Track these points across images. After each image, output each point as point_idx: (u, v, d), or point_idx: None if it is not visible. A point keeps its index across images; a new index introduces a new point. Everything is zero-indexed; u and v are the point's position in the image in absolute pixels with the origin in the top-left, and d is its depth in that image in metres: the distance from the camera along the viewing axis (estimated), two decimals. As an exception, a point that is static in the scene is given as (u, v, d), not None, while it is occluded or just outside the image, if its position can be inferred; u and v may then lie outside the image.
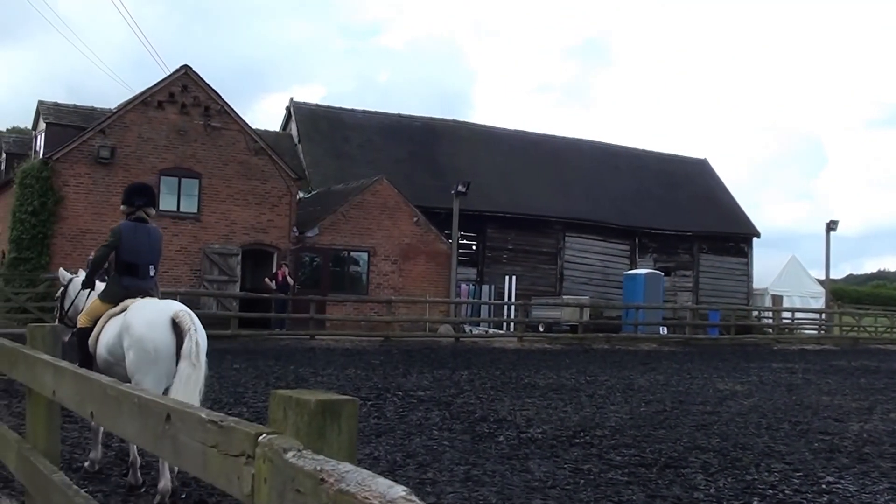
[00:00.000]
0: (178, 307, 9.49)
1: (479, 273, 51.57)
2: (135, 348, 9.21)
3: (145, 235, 10.35)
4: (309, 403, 2.67)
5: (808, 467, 12.26)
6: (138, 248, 10.24)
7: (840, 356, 38.30)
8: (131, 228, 10.29)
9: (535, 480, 10.69)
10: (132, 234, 10.25)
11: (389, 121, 56.09)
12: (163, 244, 10.81)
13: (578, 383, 22.53)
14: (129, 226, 10.31)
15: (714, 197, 64.02)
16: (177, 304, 9.69)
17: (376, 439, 12.97)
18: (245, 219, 40.76)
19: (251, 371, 22.24)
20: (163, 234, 11.06)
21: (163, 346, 9.19)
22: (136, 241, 10.23)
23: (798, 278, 64.39)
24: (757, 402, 20.03)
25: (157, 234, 10.58)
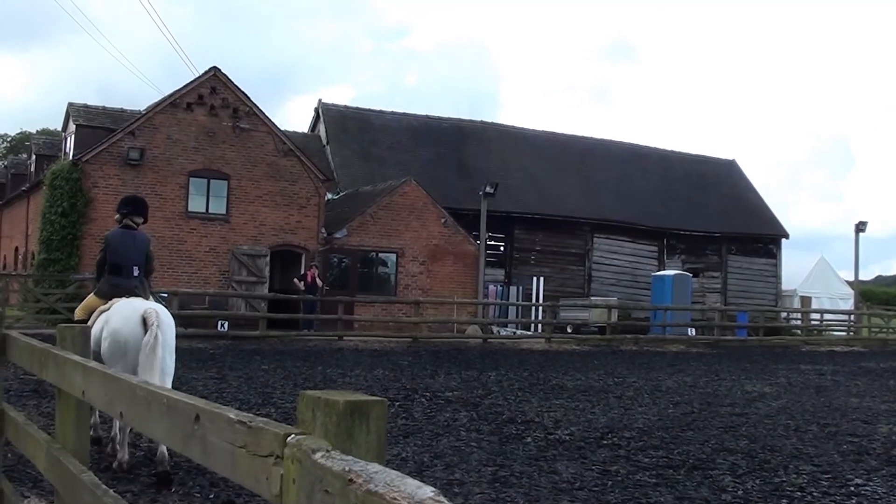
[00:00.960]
0: (148, 306, 10.88)
1: (506, 274, 51.59)
2: (109, 339, 10.61)
3: (131, 240, 11.92)
4: (337, 404, 2.68)
5: (836, 469, 12.21)
6: (124, 251, 11.83)
7: (869, 358, 38.09)
8: (118, 234, 11.99)
9: (562, 482, 10.68)
10: (119, 239, 11.93)
11: (417, 122, 56.16)
12: (149, 247, 12.30)
13: (606, 385, 22.49)
14: (117, 232, 12.06)
15: (742, 198, 63.81)
16: (149, 303, 11.18)
17: (404, 440, 12.99)
18: (274, 220, 40.88)
19: (279, 372, 22.28)
20: (149, 239, 12.52)
21: (132, 338, 10.47)
22: (122, 245, 11.87)
23: (827, 279, 64.12)
24: (785, 403, 19.95)
25: (142, 238, 12.11)
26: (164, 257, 38.39)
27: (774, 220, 63.74)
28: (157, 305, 11.15)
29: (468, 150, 54.51)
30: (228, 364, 23.85)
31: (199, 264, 39.42)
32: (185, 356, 25.50)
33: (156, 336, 10.26)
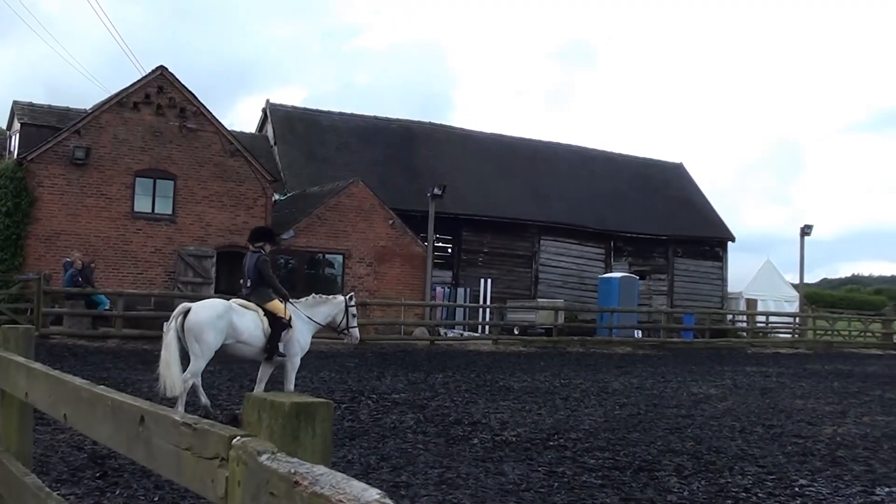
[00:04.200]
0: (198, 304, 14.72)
1: (454, 276, 51.59)
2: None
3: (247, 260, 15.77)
4: (283, 406, 2.67)
5: (781, 470, 12.31)
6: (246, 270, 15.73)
7: (814, 360, 38.41)
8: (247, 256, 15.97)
9: (509, 483, 10.70)
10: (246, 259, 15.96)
11: (366, 123, 56.02)
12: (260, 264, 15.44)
13: (553, 386, 22.56)
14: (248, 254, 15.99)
15: (689, 201, 64.19)
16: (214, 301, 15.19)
17: (350, 442, 12.97)
18: (220, 221, 40.64)
19: (225, 374, 22.19)
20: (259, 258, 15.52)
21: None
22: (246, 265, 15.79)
23: (772, 282, 64.57)
24: (731, 405, 20.09)
25: (250, 259, 15.60)
26: (110, 258, 38.11)
27: (721, 223, 64.14)
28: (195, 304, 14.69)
29: (417, 152, 54.48)
30: (174, 366, 23.67)
31: (145, 265, 39.12)
32: (129, 357, 25.41)
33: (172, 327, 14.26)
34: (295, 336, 15.28)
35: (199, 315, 14.16)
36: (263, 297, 15.09)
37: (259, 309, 14.88)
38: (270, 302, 15.04)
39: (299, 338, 15.42)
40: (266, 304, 14.99)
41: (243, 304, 15.01)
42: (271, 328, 14.81)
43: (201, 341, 14.13)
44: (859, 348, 50.72)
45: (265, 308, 14.92)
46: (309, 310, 15.78)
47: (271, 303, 15.05)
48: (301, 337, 15.51)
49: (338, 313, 16.07)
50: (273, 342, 14.82)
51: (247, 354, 15.23)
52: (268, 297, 15.11)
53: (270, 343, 14.81)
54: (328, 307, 16.07)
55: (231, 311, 14.57)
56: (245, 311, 14.79)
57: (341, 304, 16.15)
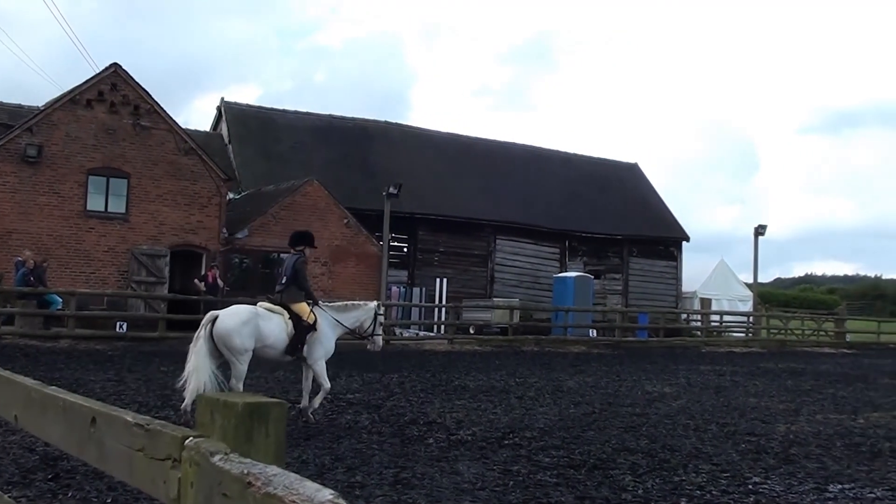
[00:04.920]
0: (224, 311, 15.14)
1: (409, 275, 51.57)
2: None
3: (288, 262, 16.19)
4: (236, 406, 2.65)
5: (735, 468, 12.37)
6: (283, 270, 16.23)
7: (767, 359, 38.66)
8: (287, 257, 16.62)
9: (464, 482, 10.70)
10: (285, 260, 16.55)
11: (321, 122, 55.90)
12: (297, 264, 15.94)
13: (508, 385, 22.59)
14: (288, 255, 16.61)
15: (644, 201, 64.48)
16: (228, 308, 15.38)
17: (305, 442, 12.93)
18: (174, 220, 40.39)
19: (179, 374, 21.92)
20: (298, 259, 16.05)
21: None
22: (284, 265, 16.37)
23: (726, 282, 64.93)
24: (685, 403, 20.19)
25: (290, 260, 16.14)
26: (62, 257, 37.79)
27: (675, 223, 64.49)
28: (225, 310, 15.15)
29: (372, 151, 54.40)
30: (127, 366, 23.57)
31: (98, 264, 38.81)
32: (82, 358, 25.24)
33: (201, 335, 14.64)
34: (320, 340, 15.63)
35: (225, 323, 14.63)
36: (294, 296, 15.58)
37: (285, 312, 15.31)
38: (298, 304, 15.48)
39: (324, 342, 15.76)
40: (294, 304, 15.43)
41: (269, 307, 15.40)
42: (295, 331, 15.20)
43: (231, 347, 14.62)
44: (812, 347, 51.09)
45: (291, 310, 15.34)
46: (339, 314, 16.25)
47: (298, 305, 15.47)
48: (326, 341, 15.85)
49: (367, 319, 16.51)
50: (294, 343, 15.21)
51: (272, 357, 15.67)
52: (298, 298, 15.60)
53: (292, 344, 15.19)
54: (359, 312, 16.54)
55: (257, 317, 14.97)
56: (271, 316, 15.21)
57: (372, 310, 16.62)
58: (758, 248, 55.44)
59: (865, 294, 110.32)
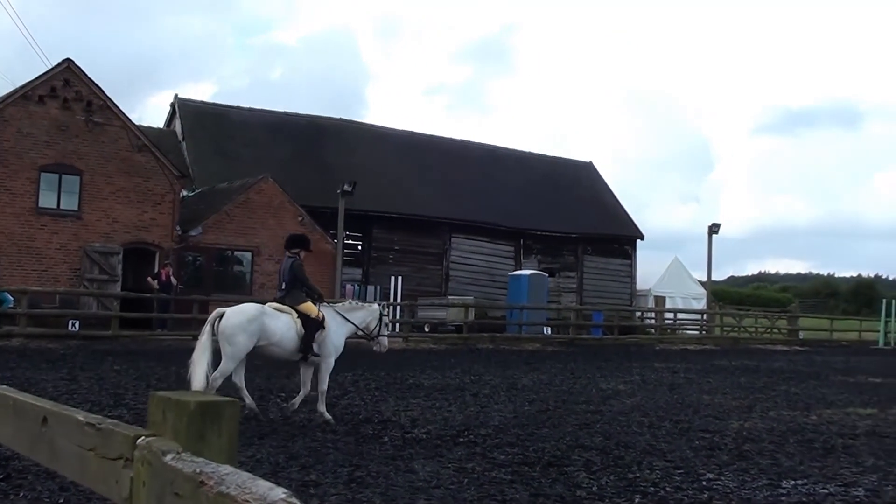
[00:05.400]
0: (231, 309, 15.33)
1: (364, 273, 51.51)
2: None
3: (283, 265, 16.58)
4: (189, 405, 2.63)
5: (689, 465, 12.43)
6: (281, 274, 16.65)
7: (721, 356, 38.89)
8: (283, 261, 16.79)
9: (419, 481, 10.69)
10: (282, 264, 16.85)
11: (276, 119, 55.72)
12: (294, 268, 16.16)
13: (463, 383, 22.62)
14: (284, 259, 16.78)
15: (599, 199, 64.74)
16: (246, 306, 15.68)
17: (259, 441, 12.88)
18: (127, 217, 40.13)
19: (132, 372, 21.95)
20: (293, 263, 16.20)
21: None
22: (281, 269, 16.72)
23: (680, 280, 65.31)
24: (639, 401, 20.27)
25: (286, 264, 16.35)
26: (13, 255, 37.51)
27: (630, 222, 64.79)
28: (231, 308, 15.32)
29: (327, 148, 54.26)
30: (79, 364, 23.42)
31: (50, 262, 38.52)
32: (34, 356, 25.06)
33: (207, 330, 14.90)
34: (329, 337, 15.78)
35: (231, 319, 14.93)
36: (297, 298, 15.80)
37: (293, 311, 15.50)
38: (303, 304, 15.69)
39: (333, 339, 15.93)
40: (299, 305, 15.62)
41: (277, 307, 15.63)
42: (305, 329, 15.38)
43: (232, 344, 14.90)
44: (765, 344, 51.51)
45: (298, 310, 15.53)
46: (347, 313, 16.57)
47: (304, 304, 15.68)
48: (335, 338, 16.01)
49: (372, 320, 16.73)
50: (307, 342, 15.39)
51: (281, 356, 15.86)
52: (301, 299, 15.82)
53: (304, 343, 15.37)
54: (364, 313, 16.80)
55: (263, 315, 15.21)
56: (279, 315, 15.42)
57: (376, 312, 16.91)
58: (712, 246, 55.78)
59: (818, 292, 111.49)
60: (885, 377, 30.07)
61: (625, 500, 10.21)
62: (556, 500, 10.07)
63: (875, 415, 19.32)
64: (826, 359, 39.65)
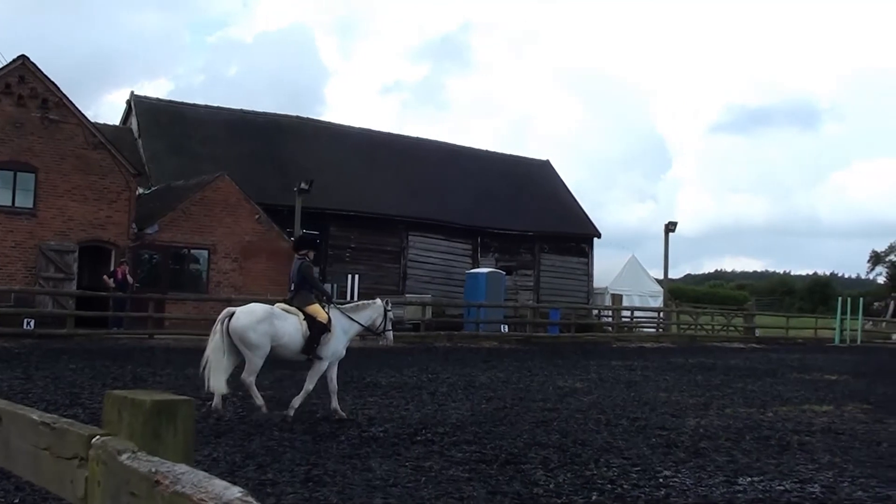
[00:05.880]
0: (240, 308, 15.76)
1: (321, 272, 51.26)
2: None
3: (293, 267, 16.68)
4: (144, 404, 2.62)
5: (646, 462, 12.48)
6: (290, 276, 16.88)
7: (677, 354, 39.07)
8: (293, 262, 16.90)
9: (376, 479, 10.68)
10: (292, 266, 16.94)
11: (233, 116, 55.52)
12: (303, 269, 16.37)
13: (420, 381, 22.63)
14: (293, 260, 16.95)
15: (556, 198, 64.93)
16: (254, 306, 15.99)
17: (215, 440, 12.83)
18: (83, 215, 39.85)
19: (88, 371, 21.81)
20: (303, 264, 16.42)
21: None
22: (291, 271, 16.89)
23: (637, 278, 65.63)
24: (596, 398, 20.33)
25: (295, 265, 16.59)
26: (-33, 253, 37.24)
27: (587, 220, 65.05)
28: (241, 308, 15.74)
29: (284, 146, 54.12)
30: (34, 363, 23.27)
31: (4, 260, 38.20)
32: (-12, 355, 24.82)
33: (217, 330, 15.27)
34: (332, 342, 16.09)
35: (240, 320, 15.28)
36: (305, 300, 16.09)
37: (300, 313, 15.81)
38: (311, 305, 15.98)
39: (333, 343, 16.21)
40: (307, 307, 15.91)
41: (286, 308, 15.97)
42: (310, 331, 15.69)
43: (247, 343, 15.24)
44: (722, 342, 51.74)
45: (306, 311, 15.83)
46: (354, 313, 16.85)
47: (312, 306, 15.97)
48: (336, 342, 16.28)
49: (377, 317, 17.04)
50: (310, 343, 15.72)
51: (286, 356, 16.11)
52: (309, 301, 16.10)
53: (308, 344, 15.71)
54: (370, 311, 17.06)
55: (272, 316, 15.54)
56: (287, 316, 15.73)
57: (381, 308, 17.14)
58: (668, 244, 56.05)
59: (774, 290, 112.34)
60: (840, 374, 30.30)
61: (582, 498, 10.23)
62: (513, 497, 10.08)
63: (831, 412, 19.47)
64: (782, 356, 39.91)
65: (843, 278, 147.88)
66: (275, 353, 15.75)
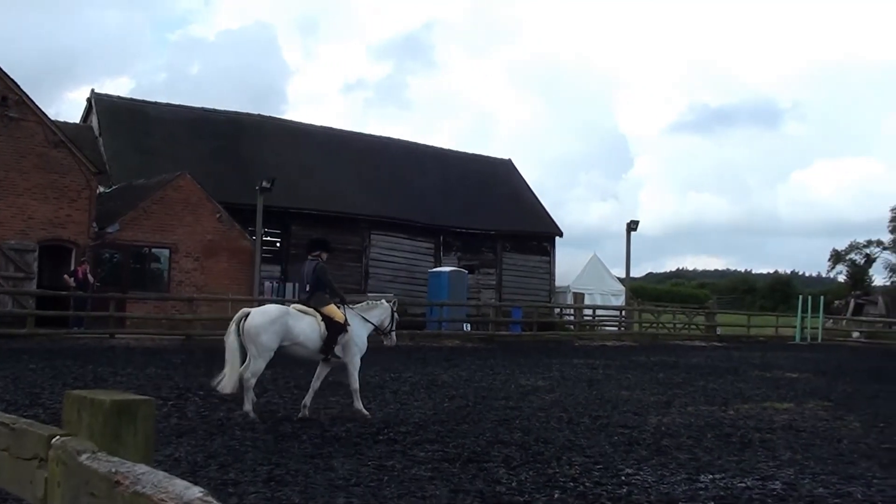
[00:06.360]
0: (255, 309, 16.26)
1: (283, 270, 51.24)
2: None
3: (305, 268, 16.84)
4: (104, 404, 2.60)
5: (608, 460, 12.53)
6: (304, 277, 16.83)
7: (639, 352, 39.21)
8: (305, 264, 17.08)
9: (338, 479, 10.67)
10: (301, 267, 17.41)
11: (194, 115, 55.27)
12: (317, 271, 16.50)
13: (383, 380, 22.62)
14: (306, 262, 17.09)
15: (518, 197, 65.04)
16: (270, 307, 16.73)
17: (177, 440, 12.78)
18: (43, 213, 39.58)
19: (48, 371, 21.68)
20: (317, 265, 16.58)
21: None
22: (304, 272, 16.83)
23: (599, 276, 65.87)
24: (558, 397, 20.38)
25: (308, 266, 16.68)
26: (-74, 252, 36.92)
27: (549, 219, 65.16)
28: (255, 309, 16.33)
29: (246, 145, 53.93)
30: (-6, 363, 23.11)
31: (-37, 259, 37.95)
32: (-53, 355, 24.65)
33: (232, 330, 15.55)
34: (353, 339, 16.42)
35: (255, 320, 15.55)
36: (321, 301, 16.31)
37: (317, 313, 16.07)
38: (327, 306, 16.24)
39: (357, 340, 16.65)
40: (323, 308, 16.18)
41: (302, 308, 16.24)
42: (328, 331, 15.97)
43: (257, 344, 15.48)
44: (683, 340, 51.93)
45: (323, 312, 16.09)
46: (366, 313, 17.15)
47: (328, 307, 16.24)
48: (358, 340, 16.70)
49: (386, 317, 17.42)
50: (328, 344, 16.04)
51: (303, 355, 16.46)
52: (325, 302, 16.33)
53: (326, 344, 16.01)
54: (379, 311, 17.40)
55: (287, 316, 15.85)
56: (302, 316, 16.00)
57: (388, 308, 17.54)
58: (630, 243, 56.20)
59: (735, 288, 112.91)
60: (801, 372, 30.49)
61: (544, 496, 10.26)
62: (475, 496, 10.10)
63: (792, 409, 19.61)
64: (743, 354, 40.11)
65: (804, 277, 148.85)
66: (291, 353, 16.13)
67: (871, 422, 17.91)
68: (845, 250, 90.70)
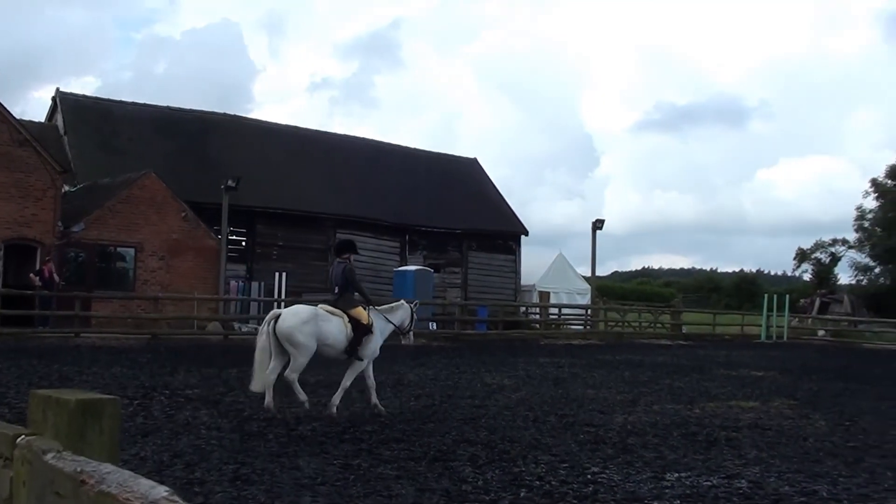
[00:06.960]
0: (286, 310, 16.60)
1: (248, 269, 51.15)
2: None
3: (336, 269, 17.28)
4: (69, 403, 2.61)
5: (574, 458, 12.55)
6: (332, 279, 17.46)
7: (605, 351, 39.26)
8: (333, 265, 17.89)
9: (304, 477, 10.66)
10: (332, 269, 17.79)
11: (160, 114, 55.04)
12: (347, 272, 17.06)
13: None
14: (334, 264, 17.91)
15: (484, 195, 65.11)
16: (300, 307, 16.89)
17: (143, 439, 12.74)
18: (7, 212, 39.36)
19: (13, 371, 21.55)
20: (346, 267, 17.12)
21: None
22: (333, 273, 17.49)
23: (565, 275, 65.95)
24: (524, 395, 20.40)
25: (338, 269, 17.18)
26: None
27: (514, 218, 65.27)
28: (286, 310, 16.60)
29: (211, 144, 53.79)
30: (-42, 363, 22.96)
31: (-74, 259, 37.70)
32: None
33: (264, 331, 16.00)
34: (370, 344, 16.94)
35: (287, 321, 15.86)
36: (349, 303, 16.79)
37: (344, 315, 16.47)
38: (355, 308, 16.69)
39: (373, 344, 17.02)
40: (351, 309, 16.60)
41: (330, 310, 16.60)
42: (354, 333, 16.38)
43: (293, 343, 15.81)
44: (649, 339, 52.08)
45: (350, 314, 16.50)
46: (390, 315, 17.72)
47: (355, 309, 16.68)
48: (374, 343, 17.07)
49: (406, 318, 18.11)
50: (354, 345, 16.45)
51: (330, 355, 16.79)
52: (353, 304, 16.83)
53: (351, 345, 16.43)
54: (402, 312, 18.07)
55: (317, 317, 16.19)
56: (331, 317, 16.38)
57: (409, 309, 18.28)
58: (596, 241, 56.33)
59: (701, 287, 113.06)
60: (766, 370, 30.58)
61: (510, 494, 10.27)
62: (441, 494, 10.11)
63: (757, 408, 19.69)
64: (709, 353, 40.21)
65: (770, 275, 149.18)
66: (318, 352, 16.33)
67: (836, 420, 18.01)
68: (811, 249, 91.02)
